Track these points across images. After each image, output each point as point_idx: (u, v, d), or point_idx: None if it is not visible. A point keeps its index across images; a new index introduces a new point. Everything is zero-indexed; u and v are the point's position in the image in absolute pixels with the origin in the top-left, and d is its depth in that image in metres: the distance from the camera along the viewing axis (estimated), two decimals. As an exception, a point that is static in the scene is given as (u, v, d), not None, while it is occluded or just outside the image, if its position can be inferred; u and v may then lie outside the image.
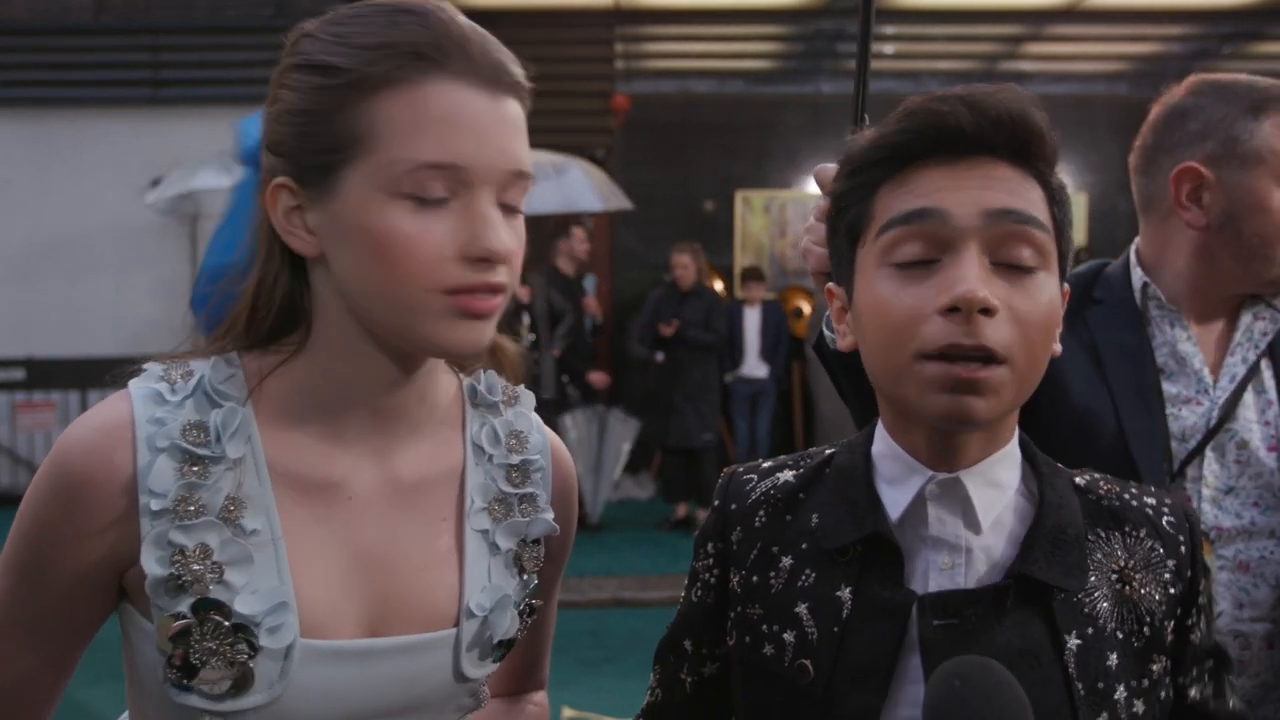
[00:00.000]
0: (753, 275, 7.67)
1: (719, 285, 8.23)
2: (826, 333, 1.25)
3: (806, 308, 8.13)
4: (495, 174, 0.87)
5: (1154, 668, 0.93)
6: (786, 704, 0.95)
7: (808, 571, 0.96)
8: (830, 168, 1.06)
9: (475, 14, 0.94)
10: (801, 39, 8.50)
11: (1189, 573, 0.95)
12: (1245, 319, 1.47)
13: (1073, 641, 0.90)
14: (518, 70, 0.89)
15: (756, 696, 0.99)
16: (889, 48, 8.24)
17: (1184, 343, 1.46)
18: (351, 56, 0.85)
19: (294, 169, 0.88)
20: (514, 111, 0.89)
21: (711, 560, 1.05)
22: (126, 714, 1.00)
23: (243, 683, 0.87)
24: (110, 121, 7.78)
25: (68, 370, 7.70)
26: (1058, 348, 0.93)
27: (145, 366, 0.92)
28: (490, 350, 1.00)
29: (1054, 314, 0.89)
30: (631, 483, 7.98)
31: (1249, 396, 1.44)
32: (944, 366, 0.85)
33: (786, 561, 0.98)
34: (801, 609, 0.95)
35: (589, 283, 7.50)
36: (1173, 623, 0.94)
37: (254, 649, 0.86)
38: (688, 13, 8.18)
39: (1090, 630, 0.91)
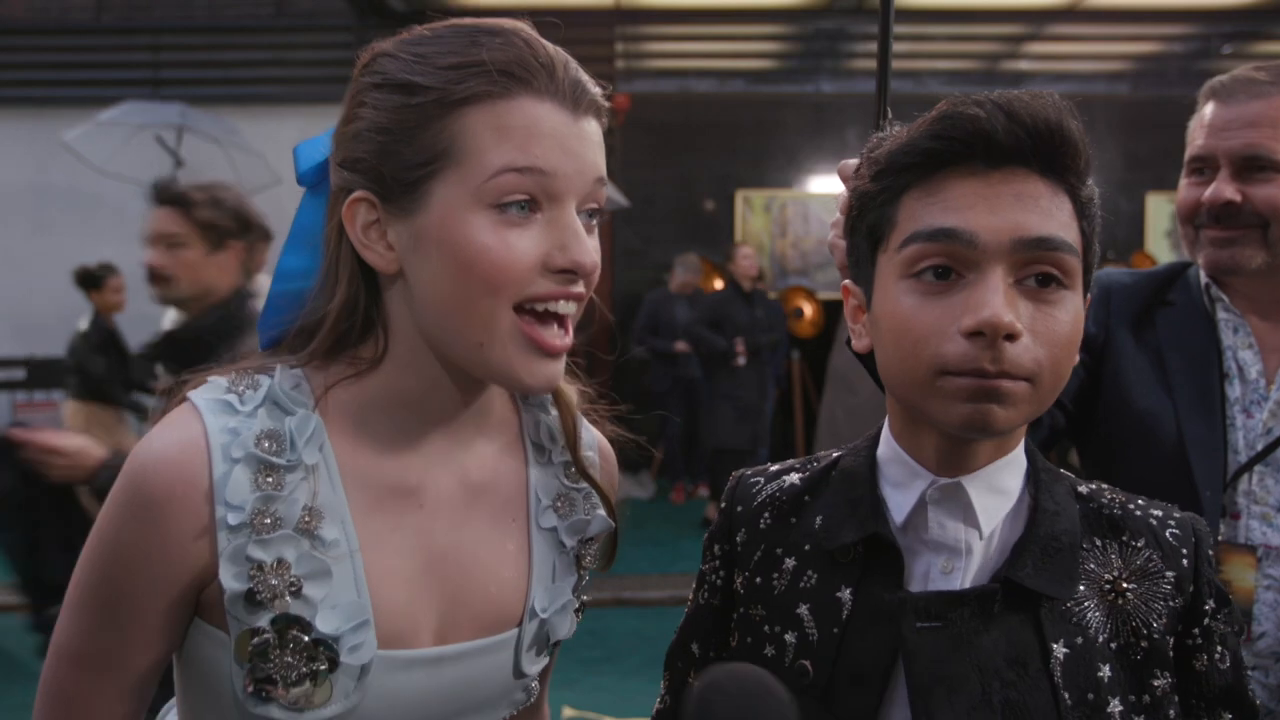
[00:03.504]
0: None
1: (719, 284, 8.23)
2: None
3: (807, 308, 8.12)
4: (579, 185, 0.88)
5: (1156, 684, 0.90)
6: None
7: (810, 573, 0.96)
8: (853, 163, 1.03)
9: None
10: (802, 38, 8.49)
11: (1190, 586, 0.93)
12: None
13: (1060, 650, 0.89)
14: (597, 90, 0.91)
15: None
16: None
17: (1244, 349, 1.44)
18: (436, 75, 0.86)
19: (375, 184, 0.88)
20: (594, 129, 0.91)
21: (718, 562, 1.05)
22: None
23: (321, 695, 0.87)
24: (110, 121, 7.78)
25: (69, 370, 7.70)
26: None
27: (207, 379, 0.91)
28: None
29: (1078, 330, 0.88)
30: (631, 482, 7.98)
31: None
32: (968, 379, 0.84)
33: (789, 563, 0.98)
34: (803, 610, 0.95)
35: None
36: (1174, 639, 0.92)
37: (334, 664, 0.87)
38: (688, 12, 8.18)
39: (1079, 640, 0.89)
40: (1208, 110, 1.45)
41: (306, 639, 0.86)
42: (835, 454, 1.04)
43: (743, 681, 0.80)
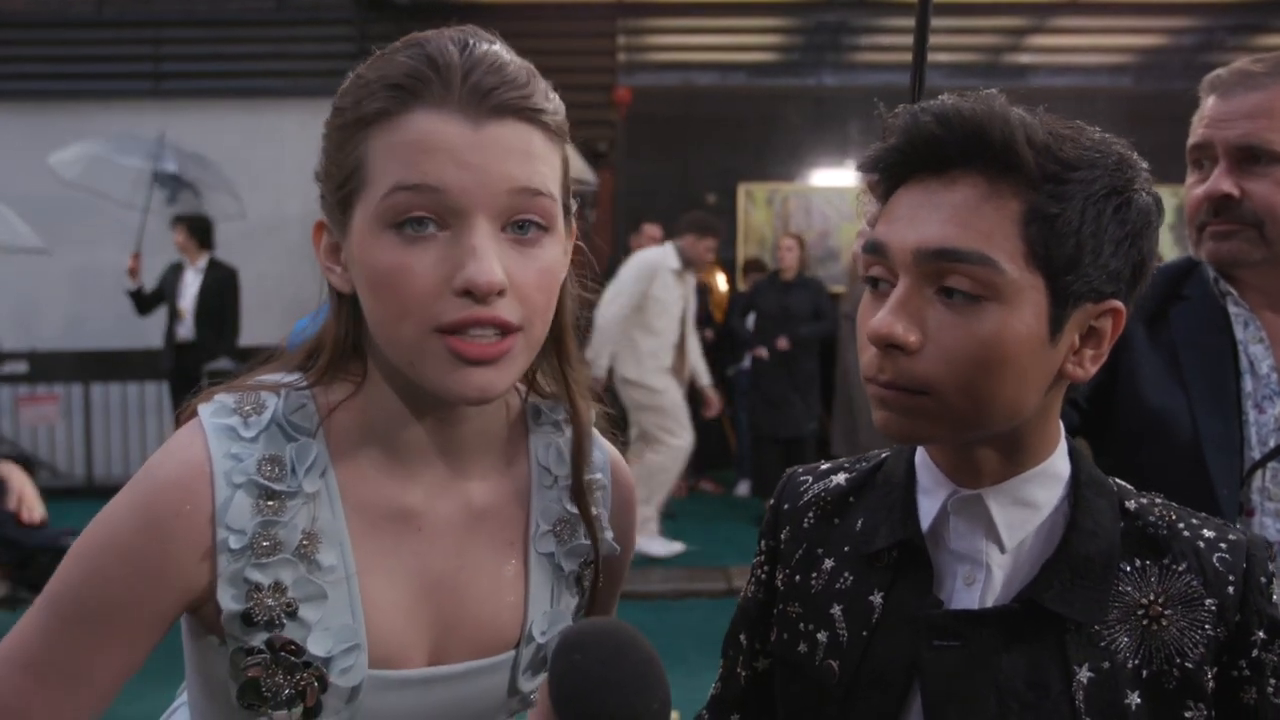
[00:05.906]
0: (755, 268, 7.65)
1: (721, 277, 8.22)
2: None
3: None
4: (486, 199, 0.82)
5: (1188, 716, 0.86)
6: (815, 704, 0.95)
7: (846, 574, 0.97)
8: None
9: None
10: (804, 31, 8.47)
11: (1236, 616, 0.87)
12: None
13: (1083, 674, 0.86)
14: (521, 93, 0.84)
15: (789, 694, 1.00)
16: (892, 39, 8.22)
17: (1255, 344, 1.42)
18: (351, 94, 0.87)
19: (325, 206, 0.91)
20: (510, 135, 0.83)
21: (763, 557, 1.07)
22: (183, 699, 1.02)
23: (311, 711, 0.89)
24: (112, 114, 7.76)
25: (70, 363, 7.70)
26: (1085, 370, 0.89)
27: (215, 397, 0.92)
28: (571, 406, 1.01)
29: (996, 344, 0.82)
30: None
31: None
32: (870, 386, 0.87)
33: (828, 563, 0.99)
34: (836, 610, 0.96)
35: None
36: (1214, 670, 0.87)
37: (324, 685, 0.88)
38: (690, 5, 8.16)
39: (1106, 664, 0.86)
40: (1207, 104, 1.44)
41: (298, 660, 0.87)
42: (883, 454, 1.04)
43: (603, 634, 0.80)
